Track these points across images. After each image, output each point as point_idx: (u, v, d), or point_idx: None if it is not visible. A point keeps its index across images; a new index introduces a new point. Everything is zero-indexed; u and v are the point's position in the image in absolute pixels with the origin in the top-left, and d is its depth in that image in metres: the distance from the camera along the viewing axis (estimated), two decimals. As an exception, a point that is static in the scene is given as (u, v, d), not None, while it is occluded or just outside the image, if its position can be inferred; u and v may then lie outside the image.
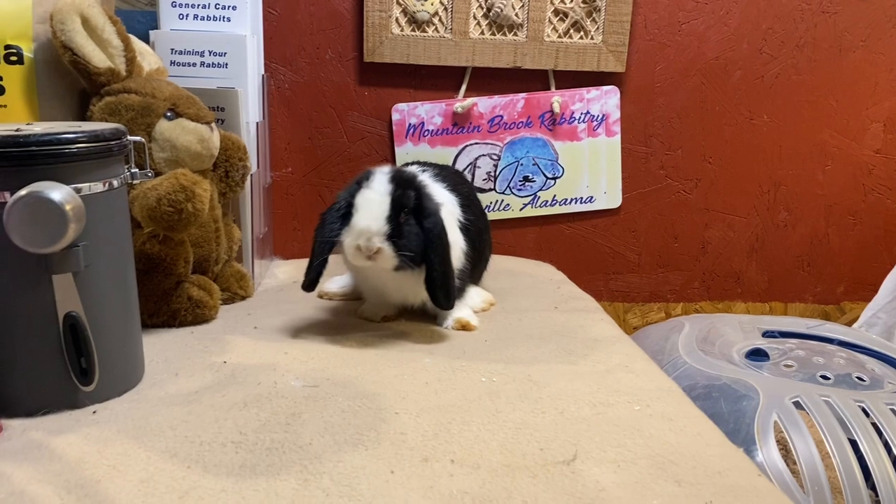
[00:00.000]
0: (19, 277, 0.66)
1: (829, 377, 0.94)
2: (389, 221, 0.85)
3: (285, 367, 0.81)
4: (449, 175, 1.05)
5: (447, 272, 0.89)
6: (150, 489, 0.56)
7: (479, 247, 1.03)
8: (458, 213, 0.99)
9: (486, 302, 1.06)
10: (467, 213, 1.00)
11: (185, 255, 0.93)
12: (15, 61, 0.91)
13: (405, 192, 0.87)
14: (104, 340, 0.70)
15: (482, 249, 1.06)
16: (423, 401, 0.74)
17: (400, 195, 0.87)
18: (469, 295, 1.03)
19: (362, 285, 1.01)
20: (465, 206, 1.01)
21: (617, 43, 1.35)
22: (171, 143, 0.92)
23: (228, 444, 0.64)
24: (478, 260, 1.04)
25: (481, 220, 1.07)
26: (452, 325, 0.97)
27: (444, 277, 0.88)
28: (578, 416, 0.72)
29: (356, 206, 0.87)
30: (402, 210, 0.86)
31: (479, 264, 1.06)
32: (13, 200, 0.61)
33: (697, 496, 0.58)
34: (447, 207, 0.95)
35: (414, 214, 0.87)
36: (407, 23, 1.31)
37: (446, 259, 0.89)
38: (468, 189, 1.07)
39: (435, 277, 0.88)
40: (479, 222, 1.03)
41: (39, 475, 0.58)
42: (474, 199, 1.07)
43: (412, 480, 0.59)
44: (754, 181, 1.49)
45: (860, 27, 1.42)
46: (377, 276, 0.93)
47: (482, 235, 1.05)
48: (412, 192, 0.87)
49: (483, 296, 1.07)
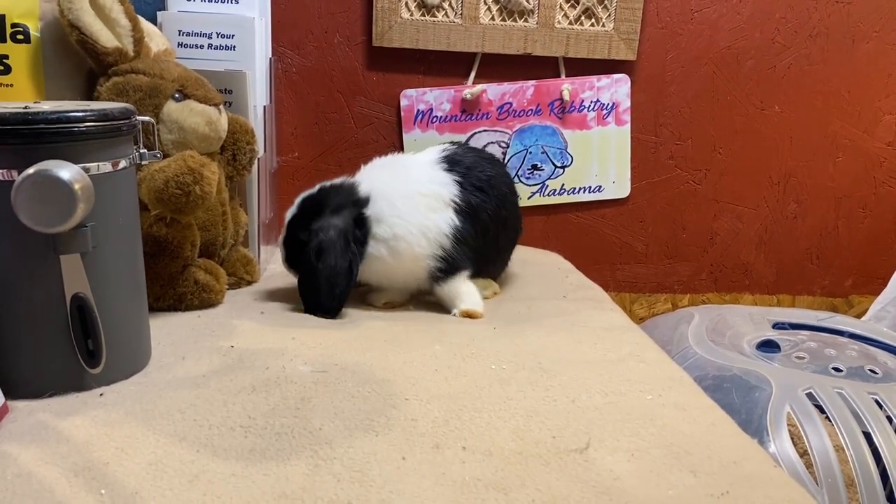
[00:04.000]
0: (27, 258, 0.65)
1: (842, 369, 0.93)
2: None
3: (293, 351, 0.80)
4: (466, 155, 1.03)
5: (319, 283, 0.93)
6: (159, 472, 0.56)
7: (488, 233, 1.00)
8: (454, 193, 0.98)
9: (473, 305, 0.99)
10: (472, 196, 0.98)
11: (192, 238, 0.92)
12: (21, 40, 0.89)
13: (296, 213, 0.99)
14: (112, 322, 0.70)
15: (495, 237, 1.02)
16: (434, 387, 0.73)
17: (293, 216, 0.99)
18: (457, 282, 0.99)
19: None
20: (468, 188, 0.98)
21: (628, 31, 1.33)
22: (179, 124, 0.91)
23: (237, 429, 0.63)
24: (486, 248, 1.01)
25: (497, 206, 1.01)
26: (459, 314, 0.97)
27: (316, 287, 0.93)
28: (590, 404, 0.71)
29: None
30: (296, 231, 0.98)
31: (488, 253, 1.03)
32: (21, 179, 0.60)
33: (714, 486, 0.57)
34: (429, 187, 0.97)
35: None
36: (417, 7, 1.29)
37: (321, 271, 0.93)
38: (486, 173, 1.01)
39: (313, 284, 0.94)
40: (490, 207, 0.99)
41: (47, 457, 0.57)
42: (492, 185, 1.01)
43: (424, 467, 0.59)
44: (764, 172, 1.47)
45: (874, 17, 1.41)
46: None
47: (501, 223, 1.02)
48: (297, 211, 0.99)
49: (473, 296, 1.00)
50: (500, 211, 1.01)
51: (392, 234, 0.95)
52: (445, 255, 0.96)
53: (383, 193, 0.97)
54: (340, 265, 0.92)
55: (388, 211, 0.95)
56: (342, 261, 0.93)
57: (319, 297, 0.93)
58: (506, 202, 1.03)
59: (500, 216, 1.01)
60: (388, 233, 0.95)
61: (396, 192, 0.97)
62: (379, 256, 0.96)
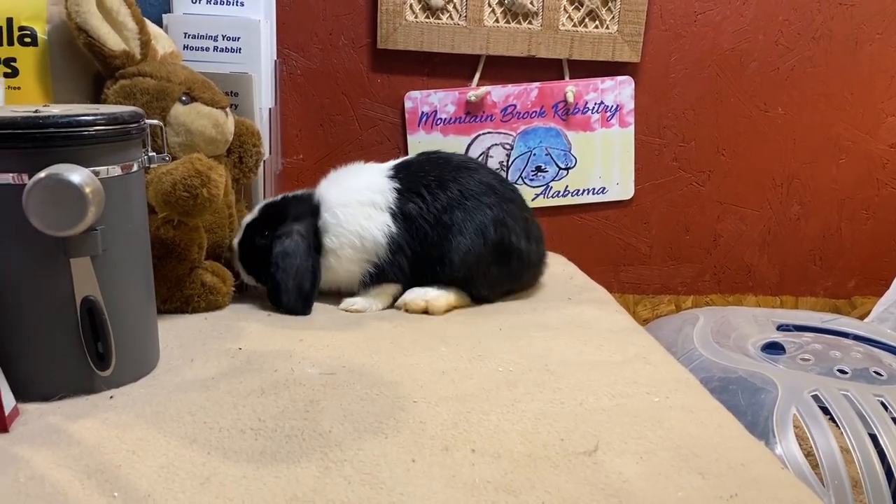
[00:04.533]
0: (37, 260, 0.65)
1: (847, 371, 0.94)
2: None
3: (301, 354, 0.81)
4: (420, 163, 1.02)
5: (287, 284, 0.95)
6: (171, 475, 0.56)
7: (427, 240, 0.98)
8: (390, 199, 0.98)
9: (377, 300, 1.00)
10: (413, 202, 0.98)
11: (199, 240, 0.93)
12: (29, 43, 0.90)
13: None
14: (121, 325, 0.70)
15: (437, 243, 0.98)
16: (441, 390, 0.74)
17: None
18: (373, 292, 1.00)
19: None
20: (409, 194, 0.98)
21: (632, 33, 1.33)
22: (186, 127, 0.92)
23: (248, 431, 0.63)
24: (425, 255, 0.98)
25: (444, 210, 0.97)
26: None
27: (284, 288, 0.95)
28: (598, 406, 0.71)
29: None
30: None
31: (428, 260, 0.98)
32: (33, 182, 0.61)
33: (722, 488, 0.58)
34: (363, 194, 0.98)
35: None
36: (421, 9, 1.29)
37: (287, 272, 0.95)
38: (442, 179, 0.99)
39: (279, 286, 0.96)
40: (434, 211, 0.97)
41: (59, 459, 0.57)
42: (443, 190, 0.98)
43: (434, 469, 0.59)
44: (767, 174, 1.48)
45: (877, 20, 1.41)
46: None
47: (444, 229, 0.97)
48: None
49: (378, 297, 1.00)
50: (441, 217, 0.97)
51: (338, 244, 0.98)
52: (380, 262, 0.98)
53: (329, 204, 0.99)
54: (304, 266, 0.95)
55: (332, 221, 0.98)
56: (305, 262, 0.95)
57: (289, 298, 0.95)
58: (459, 206, 0.98)
59: (442, 221, 0.97)
60: (335, 242, 0.98)
61: (338, 201, 0.99)
62: (328, 267, 0.99)
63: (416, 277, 1.00)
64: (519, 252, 1.01)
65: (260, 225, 1.00)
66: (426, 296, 0.98)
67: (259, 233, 0.99)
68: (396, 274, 0.99)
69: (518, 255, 1.01)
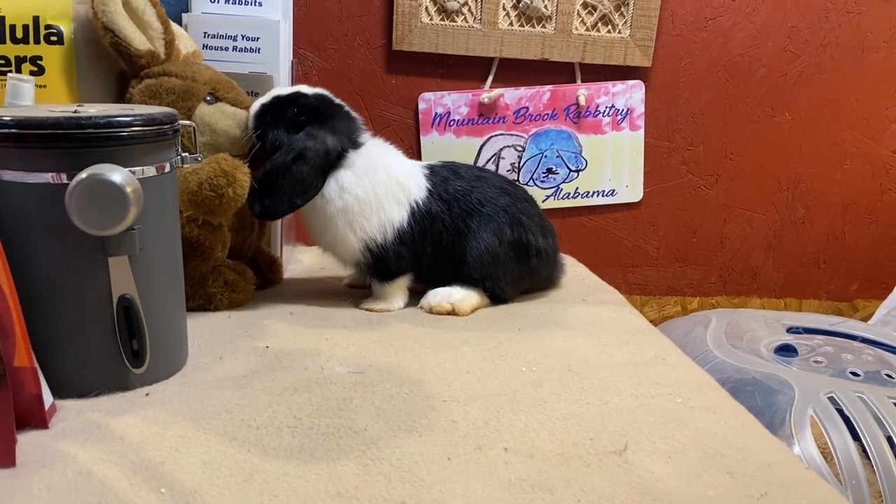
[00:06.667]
0: (76, 259, 0.66)
1: (859, 374, 0.96)
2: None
3: (328, 352, 0.82)
4: (454, 170, 1.02)
5: (282, 182, 0.91)
6: (215, 471, 0.57)
7: (434, 241, 0.98)
8: (422, 195, 0.97)
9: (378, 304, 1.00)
10: (436, 203, 0.98)
11: (223, 239, 0.93)
12: (55, 41, 0.90)
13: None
14: (155, 323, 0.71)
15: (456, 243, 0.99)
16: (468, 389, 0.75)
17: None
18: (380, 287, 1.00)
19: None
20: (438, 197, 0.98)
21: (644, 37, 1.35)
22: (211, 127, 0.92)
23: (284, 429, 0.64)
24: (428, 254, 0.99)
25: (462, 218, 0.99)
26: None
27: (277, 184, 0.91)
28: (623, 407, 0.73)
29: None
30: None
31: (428, 259, 0.99)
32: (75, 182, 0.61)
33: (752, 487, 0.59)
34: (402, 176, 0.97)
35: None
36: (436, 12, 1.30)
37: (292, 173, 0.91)
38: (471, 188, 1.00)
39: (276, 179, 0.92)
40: (450, 217, 0.98)
41: (103, 455, 0.58)
42: (468, 199, 0.99)
43: (470, 467, 0.60)
44: (774, 178, 1.50)
45: (883, 28, 1.43)
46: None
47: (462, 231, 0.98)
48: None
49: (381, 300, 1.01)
50: (458, 223, 0.98)
51: (354, 196, 0.94)
52: (379, 248, 0.96)
53: (371, 156, 0.97)
54: (309, 181, 0.92)
55: (360, 170, 0.95)
56: (313, 180, 0.92)
57: (272, 201, 0.92)
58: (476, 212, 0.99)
59: (460, 227, 0.98)
60: (352, 190, 0.94)
61: (380, 163, 0.97)
62: (329, 200, 0.95)
63: (434, 276, 1.01)
64: (537, 249, 1.03)
65: (285, 107, 0.95)
66: (451, 298, 0.99)
67: (292, 115, 0.94)
68: (399, 265, 0.98)
69: (536, 252, 1.03)
